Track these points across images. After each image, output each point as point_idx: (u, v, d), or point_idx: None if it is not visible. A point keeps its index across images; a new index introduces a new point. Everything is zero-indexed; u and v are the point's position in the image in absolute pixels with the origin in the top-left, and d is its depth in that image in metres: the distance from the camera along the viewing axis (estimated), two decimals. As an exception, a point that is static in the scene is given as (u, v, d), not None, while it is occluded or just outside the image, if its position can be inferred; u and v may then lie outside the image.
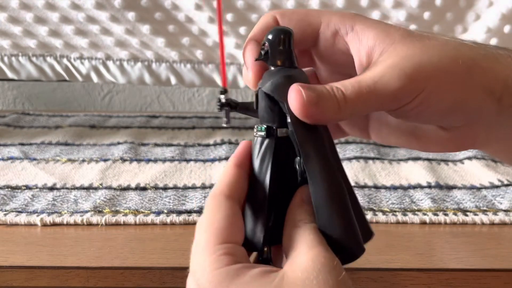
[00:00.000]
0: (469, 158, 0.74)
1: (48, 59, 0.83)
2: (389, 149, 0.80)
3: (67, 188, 0.65)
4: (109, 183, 0.67)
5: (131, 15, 0.78)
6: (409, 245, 0.53)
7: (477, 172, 0.71)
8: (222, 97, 0.35)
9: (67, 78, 0.85)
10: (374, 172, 0.71)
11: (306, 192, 0.31)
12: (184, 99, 1.13)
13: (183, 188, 0.66)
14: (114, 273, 0.49)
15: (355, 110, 0.29)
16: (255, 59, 0.33)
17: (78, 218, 0.57)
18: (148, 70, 0.83)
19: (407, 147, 0.36)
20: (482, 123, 0.31)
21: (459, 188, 0.66)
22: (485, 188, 0.66)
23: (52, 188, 0.65)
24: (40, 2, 0.78)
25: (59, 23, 0.79)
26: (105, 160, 0.74)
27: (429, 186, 0.66)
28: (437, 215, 0.58)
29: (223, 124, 0.37)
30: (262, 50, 0.32)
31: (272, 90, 0.31)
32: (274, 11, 0.34)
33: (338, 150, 0.32)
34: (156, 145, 0.82)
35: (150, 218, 0.57)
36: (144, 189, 0.65)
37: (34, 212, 0.58)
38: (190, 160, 0.76)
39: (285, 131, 0.31)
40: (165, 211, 0.59)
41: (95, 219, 0.57)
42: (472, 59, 0.30)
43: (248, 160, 0.32)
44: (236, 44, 0.81)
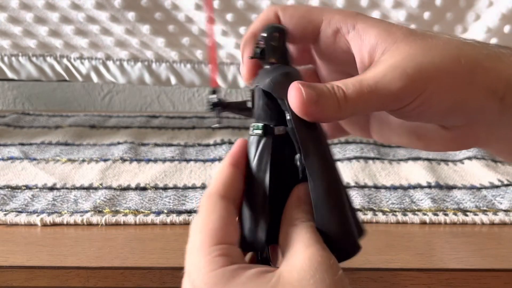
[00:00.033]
0: (469, 158, 0.74)
1: (48, 59, 0.83)
2: (389, 149, 0.80)
3: (67, 188, 0.65)
4: (109, 183, 0.67)
5: (131, 15, 0.78)
6: (409, 245, 0.53)
7: (477, 172, 0.71)
8: (212, 97, 0.34)
9: (67, 78, 0.84)
10: (374, 172, 0.71)
11: (302, 190, 0.31)
12: (184, 99, 1.13)
13: (183, 188, 0.66)
14: (114, 273, 0.49)
15: (356, 110, 0.29)
16: (249, 57, 0.32)
17: (78, 218, 0.57)
18: (148, 70, 0.83)
19: (408, 146, 0.36)
20: (484, 123, 0.31)
21: (459, 188, 0.66)
22: (485, 188, 0.66)
23: (52, 188, 0.65)
24: (40, 2, 0.78)
25: (59, 23, 0.79)
26: (105, 160, 0.74)
27: (429, 186, 0.66)
28: (437, 215, 0.58)
29: (215, 125, 0.37)
30: (257, 47, 0.32)
31: (272, 88, 0.31)
32: (276, 6, 0.33)
33: (338, 150, 0.32)
34: (156, 145, 0.82)
35: (150, 218, 0.57)
36: (144, 189, 0.65)
37: (34, 212, 0.58)
38: (190, 160, 0.76)
39: (283, 129, 0.31)
40: (165, 211, 0.59)
41: (95, 219, 0.57)
42: (475, 59, 0.29)
43: (244, 159, 0.32)
44: (236, 44, 0.81)
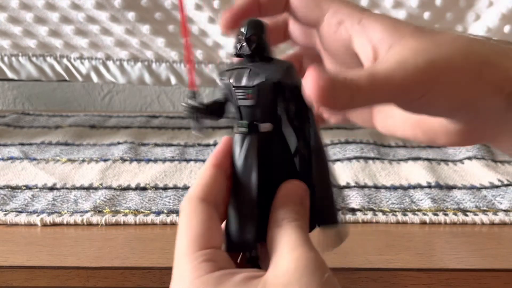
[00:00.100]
0: (469, 158, 0.74)
1: (48, 59, 0.83)
2: (389, 149, 0.80)
3: (67, 188, 0.65)
4: (109, 183, 0.67)
5: (131, 15, 0.78)
6: (409, 245, 0.53)
7: (477, 172, 0.71)
8: (191, 102, 0.32)
9: (67, 78, 0.84)
10: (374, 172, 0.71)
11: (289, 188, 0.31)
12: (184, 99, 1.13)
13: (183, 188, 0.66)
14: (114, 273, 0.49)
15: (367, 101, 0.28)
16: (235, 55, 0.32)
17: (78, 218, 0.57)
18: (148, 70, 0.83)
19: (412, 140, 0.36)
20: (490, 119, 0.31)
21: (459, 188, 0.66)
22: (485, 188, 0.66)
23: (52, 188, 0.65)
24: (40, 2, 0.78)
25: (59, 23, 0.79)
26: (105, 160, 0.74)
27: (429, 186, 0.66)
28: (437, 215, 0.58)
29: (195, 132, 0.33)
30: (238, 43, 0.32)
31: (285, 77, 0.31)
32: None
33: (338, 150, 0.33)
34: (156, 145, 0.82)
35: (150, 218, 0.57)
36: (144, 189, 0.65)
37: (34, 212, 0.58)
38: (190, 160, 0.76)
39: (268, 126, 0.31)
40: (165, 211, 0.59)
41: (95, 219, 0.57)
42: (484, 56, 0.29)
43: (228, 158, 0.31)
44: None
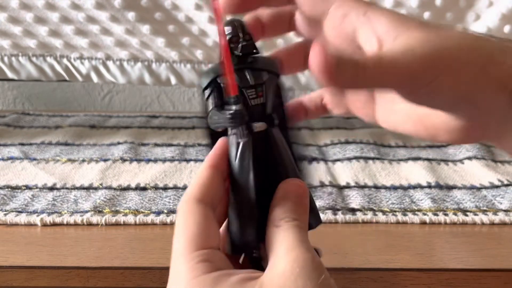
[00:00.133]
0: (469, 158, 0.74)
1: (48, 59, 0.83)
2: (389, 149, 0.80)
3: (67, 188, 0.65)
4: (109, 183, 0.67)
5: (131, 15, 0.78)
6: (409, 245, 0.53)
7: (477, 172, 0.71)
8: (239, 108, 0.30)
9: (67, 78, 0.84)
10: (374, 172, 0.71)
11: (288, 187, 0.30)
12: (184, 99, 1.13)
13: (183, 188, 0.66)
14: (114, 273, 0.49)
15: (371, 82, 0.28)
16: (236, 55, 0.32)
17: (78, 218, 0.57)
18: (148, 70, 0.83)
19: (414, 135, 0.35)
20: (493, 116, 0.31)
21: (459, 188, 0.66)
22: (485, 188, 0.66)
23: (52, 188, 0.65)
24: (40, 2, 0.78)
25: (59, 23, 0.79)
26: (105, 160, 0.74)
27: (429, 186, 0.66)
28: (437, 215, 0.58)
29: (243, 140, 0.31)
30: (235, 43, 0.32)
31: (279, 71, 0.32)
32: None
33: (338, 150, 0.32)
34: (156, 145, 0.82)
35: (150, 218, 0.57)
36: (144, 189, 0.65)
37: (34, 212, 0.58)
38: (190, 160, 0.76)
39: (262, 125, 0.31)
40: (165, 211, 0.59)
41: (95, 219, 0.57)
42: (488, 52, 0.29)
43: (224, 159, 0.31)
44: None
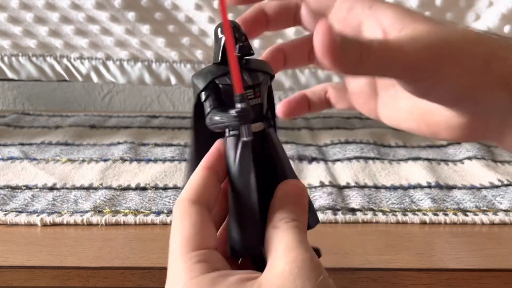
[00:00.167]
0: (469, 158, 0.74)
1: (48, 59, 0.83)
2: (389, 149, 0.80)
3: (67, 188, 0.65)
4: (109, 183, 0.67)
5: (131, 15, 0.78)
6: (409, 245, 0.53)
7: (477, 172, 0.71)
8: (245, 105, 0.29)
9: (67, 78, 0.84)
10: (374, 172, 0.71)
11: (287, 188, 0.30)
12: (184, 99, 1.13)
13: (183, 188, 0.66)
14: (114, 273, 0.49)
15: (375, 68, 0.28)
16: (238, 55, 0.32)
17: (78, 218, 0.57)
18: (148, 70, 0.83)
19: (415, 132, 0.35)
20: (495, 115, 0.31)
21: (459, 188, 0.66)
22: (485, 188, 0.66)
23: (52, 188, 0.65)
24: (40, 2, 0.78)
25: (59, 23, 0.79)
26: (105, 160, 0.74)
27: (429, 186, 0.66)
28: (437, 215, 0.58)
29: (247, 138, 0.30)
30: (244, 43, 0.32)
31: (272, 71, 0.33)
32: None
33: (338, 150, 0.32)
34: (156, 145, 0.82)
35: (150, 218, 0.57)
36: (144, 189, 0.65)
37: (34, 212, 0.58)
38: (190, 160, 0.75)
39: (259, 125, 0.31)
40: (165, 211, 0.59)
41: (95, 219, 0.57)
42: (492, 48, 0.29)
43: (219, 161, 0.31)
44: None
